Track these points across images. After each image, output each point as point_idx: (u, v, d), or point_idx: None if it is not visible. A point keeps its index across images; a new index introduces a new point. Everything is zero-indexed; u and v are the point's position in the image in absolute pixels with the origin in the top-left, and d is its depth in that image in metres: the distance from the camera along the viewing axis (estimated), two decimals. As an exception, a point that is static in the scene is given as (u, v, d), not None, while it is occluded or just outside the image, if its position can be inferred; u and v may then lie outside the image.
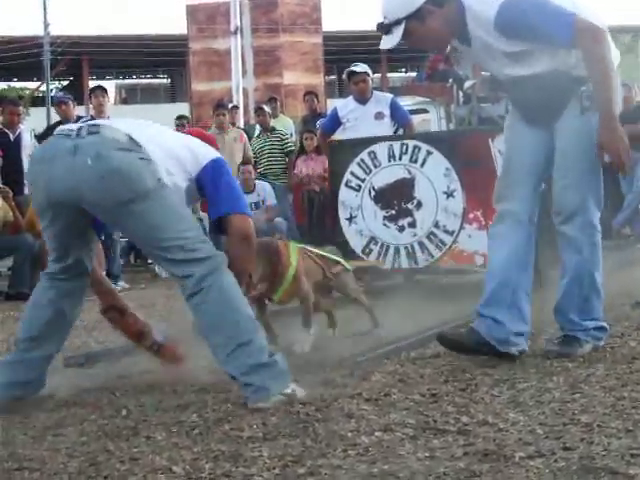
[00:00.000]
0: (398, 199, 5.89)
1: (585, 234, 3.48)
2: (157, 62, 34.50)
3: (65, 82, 37.55)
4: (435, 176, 5.75)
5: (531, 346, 3.61)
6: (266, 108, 10.69)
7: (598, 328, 3.57)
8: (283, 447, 2.46)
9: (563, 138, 3.46)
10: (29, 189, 3.23)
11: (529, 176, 3.55)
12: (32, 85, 37.13)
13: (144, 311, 4.34)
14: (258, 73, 19.25)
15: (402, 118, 7.62)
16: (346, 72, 7.80)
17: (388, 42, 3.46)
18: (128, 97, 40.84)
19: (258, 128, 11.08)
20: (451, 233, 5.74)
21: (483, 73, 3.82)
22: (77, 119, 7.78)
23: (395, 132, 7.46)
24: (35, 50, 30.02)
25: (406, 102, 10.00)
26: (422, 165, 5.80)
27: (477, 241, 5.52)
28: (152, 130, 3.29)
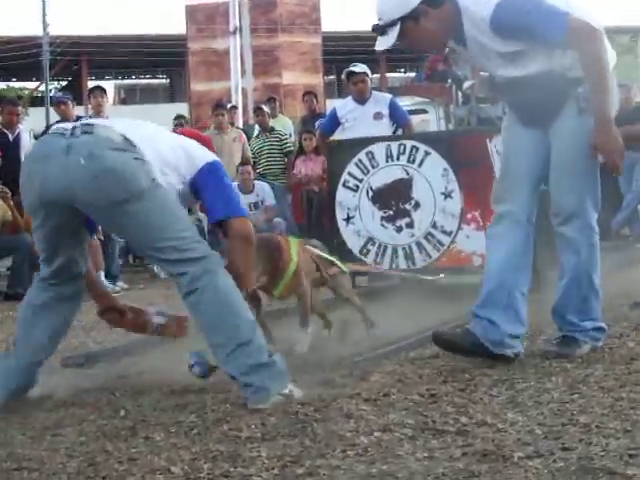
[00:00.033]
0: (396, 199, 5.88)
1: (583, 235, 3.48)
2: (156, 62, 34.52)
3: (64, 82, 37.52)
4: (433, 176, 5.75)
5: (530, 347, 3.61)
6: (265, 108, 10.68)
7: (596, 329, 3.57)
8: (282, 447, 2.46)
9: (560, 139, 3.46)
10: (20, 187, 3.20)
11: (527, 177, 3.55)
12: (31, 85, 37.11)
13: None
14: (257, 73, 19.23)
15: (401, 118, 7.61)
16: (345, 72, 7.78)
17: (383, 43, 3.45)
18: (127, 97, 40.82)
19: (257, 128, 11.07)
20: (449, 234, 5.74)
21: (482, 74, 3.81)
22: (77, 119, 7.77)
23: (394, 132, 7.45)
24: (34, 50, 30.01)
25: (405, 102, 10.01)
26: (420, 165, 5.80)
27: (475, 242, 5.51)
28: (148, 130, 3.28)
